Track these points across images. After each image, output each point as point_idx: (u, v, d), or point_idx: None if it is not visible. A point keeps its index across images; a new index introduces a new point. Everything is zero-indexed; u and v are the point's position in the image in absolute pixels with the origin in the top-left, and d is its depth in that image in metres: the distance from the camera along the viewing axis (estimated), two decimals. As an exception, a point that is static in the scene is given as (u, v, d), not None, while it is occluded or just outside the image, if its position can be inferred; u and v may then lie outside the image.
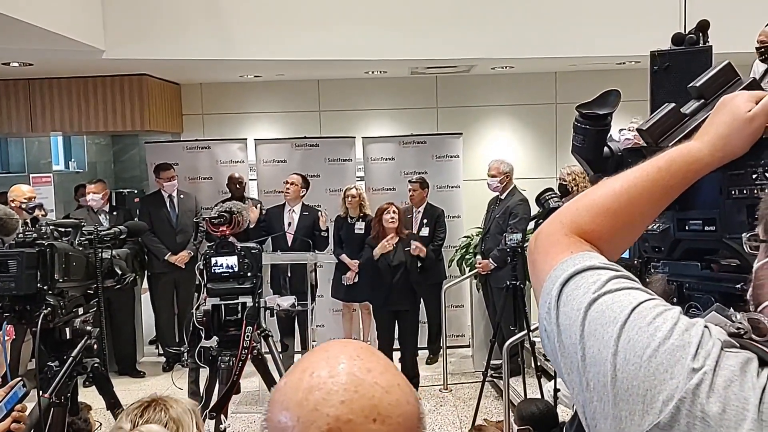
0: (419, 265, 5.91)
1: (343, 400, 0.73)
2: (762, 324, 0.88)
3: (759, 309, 0.92)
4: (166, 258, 6.58)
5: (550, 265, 0.99)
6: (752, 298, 0.94)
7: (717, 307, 0.94)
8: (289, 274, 6.33)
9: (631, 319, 0.85)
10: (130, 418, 1.66)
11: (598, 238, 1.01)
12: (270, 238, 6.34)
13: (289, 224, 6.45)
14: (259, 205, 6.95)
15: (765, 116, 1.03)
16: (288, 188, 6.46)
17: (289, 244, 6.33)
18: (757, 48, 4.75)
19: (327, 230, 6.38)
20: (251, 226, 6.13)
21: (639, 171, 1.04)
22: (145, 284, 6.91)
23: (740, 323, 0.89)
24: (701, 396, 0.79)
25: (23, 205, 5.42)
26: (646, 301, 0.88)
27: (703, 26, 1.45)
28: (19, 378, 2.18)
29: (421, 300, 6.18)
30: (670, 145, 1.18)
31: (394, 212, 5.71)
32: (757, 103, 1.04)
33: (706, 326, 0.85)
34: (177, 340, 6.70)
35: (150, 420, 1.65)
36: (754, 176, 1.09)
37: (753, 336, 0.87)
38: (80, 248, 2.66)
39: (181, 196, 6.87)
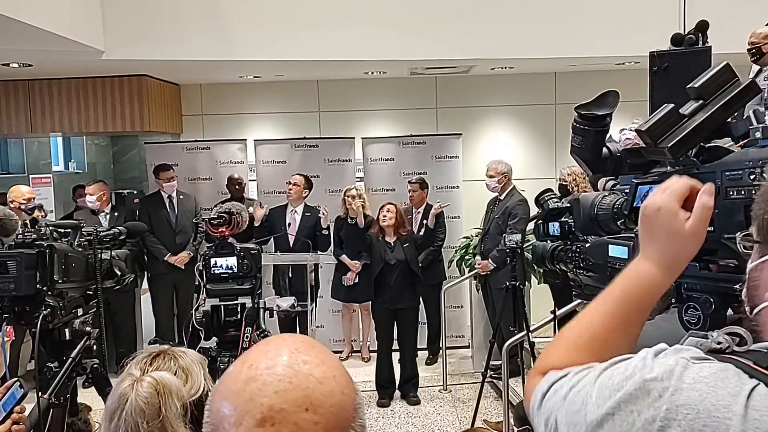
0: (420, 264, 5.93)
1: (277, 391, 0.76)
2: (742, 336, 0.90)
3: (755, 311, 0.92)
4: (165, 259, 6.57)
5: (529, 403, 1.03)
6: (747, 299, 0.95)
7: (691, 332, 0.97)
8: (290, 275, 6.33)
9: (595, 394, 0.89)
10: (139, 366, 1.68)
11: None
12: (272, 239, 6.35)
13: (289, 225, 6.45)
14: (266, 206, 6.95)
15: (705, 225, 1.03)
16: (290, 189, 6.47)
17: (291, 244, 6.34)
18: (748, 50, 4.81)
19: (328, 228, 6.39)
20: (256, 224, 6.14)
21: (596, 308, 1.05)
22: (145, 285, 6.91)
23: (719, 340, 0.90)
24: (678, 417, 0.79)
25: (22, 206, 5.42)
26: (601, 373, 0.91)
27: (702, 27, 1.45)
28: (16, 379, 2.18)
29: (421, 300, 6.19)
30: (668, 145, 1.18)
31: (388, 210, 5.73)
32: (683, 205, 1.02)
33: (656, 353, 0.87)
34: (176, 341, 6.70)
35: (159, 368, 1.67)
36: (751, 177, 1.09)
37: (735, 349, 0.88)
38: (80, 249, 2.66)
39: (181, 196, 6.86)
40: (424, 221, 6.42)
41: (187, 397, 1.64)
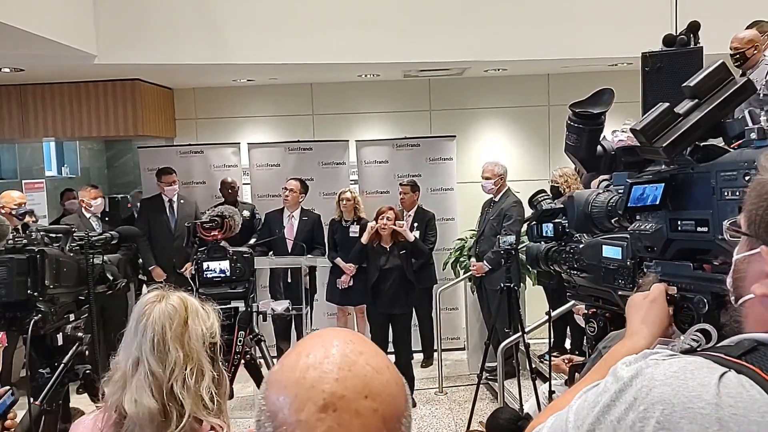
0: (413, 268, 5.91)
1: (337, 378, 0.78)
2: (710, 331, 0.95)
3: (739, 302, 0.93)
4: (149, 269, 6.52)
5: None
6: (733, 289, 0.96)
7: (660, 340, 1.05)
8: (289, 280, 6.30)
9: (572, 419, 0.92)
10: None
11: None
12: (269, 243, 6.33)
13: (284, 228, 6.44)
14: (253, 209, 6.93)
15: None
16: (287, 195, 6.45)
17: (290, 249, 6.31)
18: (731, 55, 4.84)
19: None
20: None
21: (593, 377, 1.12)
22: (144, 289, 6.86)
23: (689, 342, 0.94)
24: (655, 414, 0.80)
25: (13, 212, 5.39)
26: (576, 401, 0.94)
27: (693, 27, 1.45)
28: (8, 387, 2.16)
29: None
30: (663, 144, 1.17)
31: (389, 218, 5.71)
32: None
33: (624, 363, 0.90)
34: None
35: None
36: (746, 178, 1.09)
37: (705, 346, 0.92)
38: (71, 254, 2.64)
39: (181, 201, 6.83)
40: (415, 224, 6.41)
41: (208, 332, 1.66)
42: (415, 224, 6.46)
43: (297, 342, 0.88)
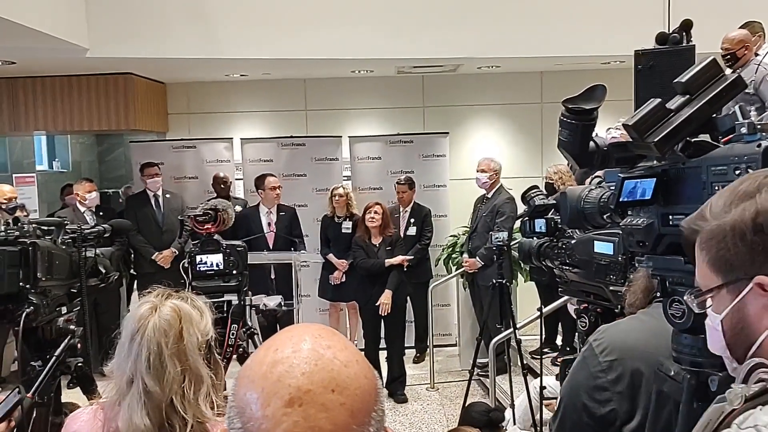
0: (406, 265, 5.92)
1: (304, 372, 0.78)
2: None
3: (754, 348, 0.89)
4: (153, 258, 6.51)
5: None
6: (738, 348, 0.91)
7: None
8: (273, 275, 6.29)
9: None
10: (153, 298, 1.68)
11: None
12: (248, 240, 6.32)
13: (269, 224, 6.43)
14: (245, 205, 6.92)
15: None
16: (279, 193, 6.45)
17: (271, 245, 6.30)
18: (722, 56, 4.87)
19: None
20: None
21: None
22: (135, 295, 6.82)
23: (758, 383, 0.87)
24: None
25: (4, 206, 5.36)
26: None
27: (686, 26, 1.46)
28: (14, 386, 2.18)
29: (408, 299, 6.19)
30: (655, 140, 1.19)
31: (376, 213, 5.71)
32: None
33: None
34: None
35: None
36: (737, 172, 1.10)
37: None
38: (63, 247, 2.63)
39: (167, 195, 6.81)
40: (411, 220, 6.42)
41: (203, 334, 1.64)
42: (412, 220, 6.48)
43: (269, 338, 0.88)
